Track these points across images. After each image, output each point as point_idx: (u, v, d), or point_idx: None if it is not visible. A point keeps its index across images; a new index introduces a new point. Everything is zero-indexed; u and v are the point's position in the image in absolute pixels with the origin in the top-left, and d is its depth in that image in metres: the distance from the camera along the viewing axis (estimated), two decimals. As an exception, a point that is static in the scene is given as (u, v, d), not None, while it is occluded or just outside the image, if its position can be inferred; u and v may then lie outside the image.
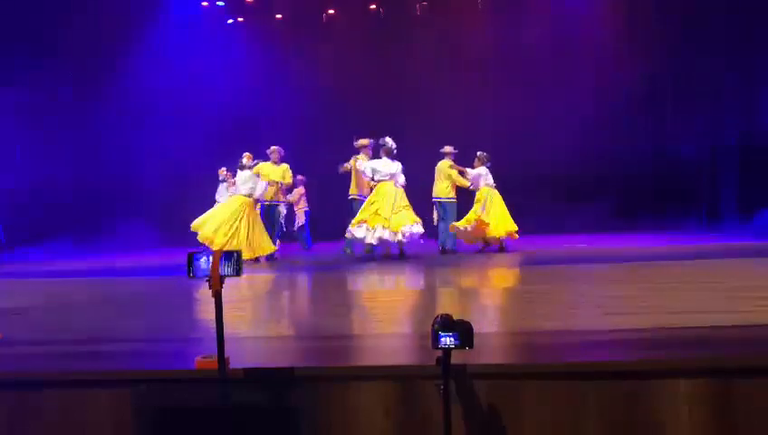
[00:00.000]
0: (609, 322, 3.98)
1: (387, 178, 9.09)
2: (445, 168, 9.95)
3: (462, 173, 10.00)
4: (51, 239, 12.40)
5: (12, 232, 12.05)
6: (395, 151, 9.26)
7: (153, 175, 13.85)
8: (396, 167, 9.17)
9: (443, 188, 9.94)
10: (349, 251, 9.59)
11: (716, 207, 13.23)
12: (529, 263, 8.30)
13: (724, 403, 2.75)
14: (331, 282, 7.23)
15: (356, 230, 8.89)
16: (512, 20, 14.32)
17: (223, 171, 11.45)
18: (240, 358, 3.00)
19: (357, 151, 9.76)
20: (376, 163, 9.24)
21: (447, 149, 10.04)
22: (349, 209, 9.67)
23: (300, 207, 12.12)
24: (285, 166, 10.03)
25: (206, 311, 4.58)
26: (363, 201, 9.29)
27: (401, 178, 9.19)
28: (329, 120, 14.45)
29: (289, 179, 10.13)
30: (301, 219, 12.18)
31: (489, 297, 5.67)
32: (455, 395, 2.75)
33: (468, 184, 9.92)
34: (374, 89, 14.30)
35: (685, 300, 4.63)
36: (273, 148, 10.02)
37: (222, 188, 11.50)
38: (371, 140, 9.68)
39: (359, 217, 8.96)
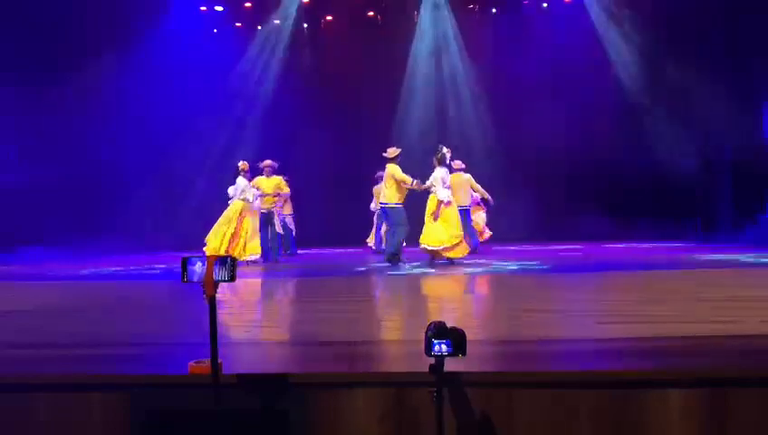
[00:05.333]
0: (603, 331, 3.99)
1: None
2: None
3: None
4: (44, 242, 12.34)
5: (4, 235, 11.99)
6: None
7: (149, 178, 13.83)
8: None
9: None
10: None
11: (711, 218, 13.30)
12: (523, 271, 8.31)
13: (716, 413, 2.76)
14: (325, 288, 7.23)
15: None
16: (508, 28, 14.43)
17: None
18: (233, 363, 3.00)
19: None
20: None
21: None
22: None
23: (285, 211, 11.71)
24: (278, 178, 10.63)
25: (200, 316, 4.58)
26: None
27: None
28: (326, 126, 14.49)
29: (285, 189, 10.73)
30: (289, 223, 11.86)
31: (483, 305, 5.68)
32: (448, 402, 2.76)
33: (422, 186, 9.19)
34: (371, 95, 14.34)
35: (678, 309, 4.65)
36: (266, 162, 10.59)
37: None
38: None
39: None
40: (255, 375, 2.96)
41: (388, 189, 9.26)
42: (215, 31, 14.98)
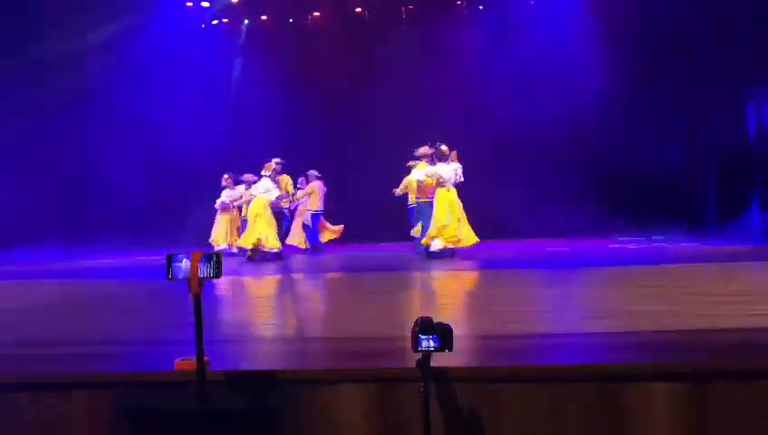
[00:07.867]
0: (590, 325, 4.01)
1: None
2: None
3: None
4: (34, 242, 12.21)
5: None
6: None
7: (139, 177, 13.70)
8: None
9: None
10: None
11: (696, 214, 13.40)
12: (511, 265, 8.34)
13: (703, 407, 2.78)
14: (312, 285, 7.22)
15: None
16: (496, 24, 14.44)
17: (228, 179, 11.88)
18: (220, 360, 2.98)
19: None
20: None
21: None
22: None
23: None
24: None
25: (187, 313, 4.55)
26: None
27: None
28: (312, 122, 14.44)
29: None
30: (308, 219, 12.31)
31: (470, 300, 5.69)
32: (435, 398, 2.76)
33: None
34: (359, 92, 14.30)
35: (664, 304, 4.68)
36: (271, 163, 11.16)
37: (224, 193, 11.88)
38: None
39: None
40: (242, 372, 2.95)
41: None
42: (202, 26, 14.89)
